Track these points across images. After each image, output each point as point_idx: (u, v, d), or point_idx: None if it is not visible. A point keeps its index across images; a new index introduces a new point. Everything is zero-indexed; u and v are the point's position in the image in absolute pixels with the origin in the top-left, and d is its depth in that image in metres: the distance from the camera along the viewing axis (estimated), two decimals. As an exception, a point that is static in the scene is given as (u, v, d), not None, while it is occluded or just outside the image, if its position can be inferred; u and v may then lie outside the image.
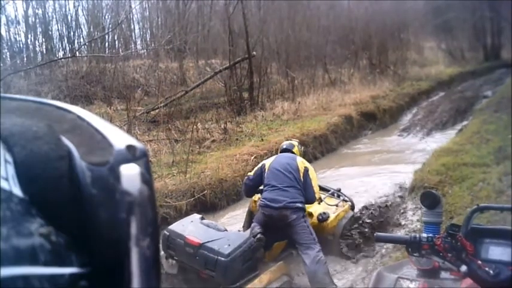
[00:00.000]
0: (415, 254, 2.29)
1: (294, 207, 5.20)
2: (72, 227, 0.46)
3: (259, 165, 5.80)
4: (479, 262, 2.18)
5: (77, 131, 0.51)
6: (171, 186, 7.59)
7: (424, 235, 2.26)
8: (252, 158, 9.18)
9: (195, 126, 10.56)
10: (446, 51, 31.09)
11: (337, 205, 6.13)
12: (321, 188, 6.19)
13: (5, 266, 0.39)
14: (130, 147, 0.49)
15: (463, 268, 2.16)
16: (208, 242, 4.90)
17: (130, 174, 0.47)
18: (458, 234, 2.23)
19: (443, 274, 2.49)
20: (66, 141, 0.49)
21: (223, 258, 4.73)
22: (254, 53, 14.39)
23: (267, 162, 5.66)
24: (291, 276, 5.26)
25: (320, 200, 5.98)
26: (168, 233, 5.16)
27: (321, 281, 4.97)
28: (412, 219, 6.50)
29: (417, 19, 28.93)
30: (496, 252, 2.27)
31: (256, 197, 5.97)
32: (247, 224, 6.03)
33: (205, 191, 7.80)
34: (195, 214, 5.71)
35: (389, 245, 5.44)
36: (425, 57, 28.85)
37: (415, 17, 28.33)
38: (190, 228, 5.17)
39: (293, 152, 5.92)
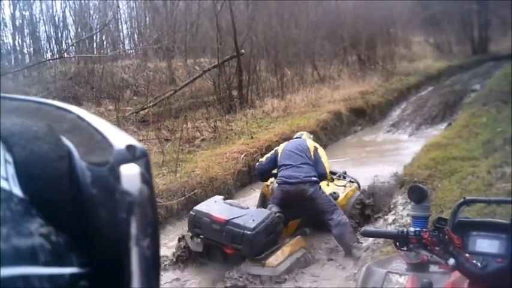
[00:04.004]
0: (403, 248, 2.29)
1: (311, 180, 5.82)
2: (72, 227, 0.46)
3: (272, 151, 6.46)
4: (467, 255, 2.19)
5: (77, 131, 0.52)
6: (161, 186, 7.57)
7: (412, 229, 2.25)
8: (242, 156, 9.16)
9: (184, 125, 10.54)
10: (434, 46, 31.15)
11: (345, 185, 6.69)
12: (329, 172, 6.66)
13: (5, 266, 0.39)
14: (130, 147, 0.49)
15: (451, 261, 2.17)
16: (233, 218, 5.31)
17: (130, 174, 0.47)
18: (446, 228, 2.23)
19: (432, 268, 2.49)
20: (66, 141, 0.49)
21: (249, 232, 5.16)
22: (243, 50, 14.36)
23: (280, 148, 6.34)
24: (308, 249, 5.80)
25: (331, 180, 6.58)
26: (194, 213, 5.58)
27: (348, 241, 5.67)
28: (402, 214, 6.51)
29: (405, 14, 28.98)
30: (483, 244, 2.28)
31: (269, 181, 6.56)
32: (261, 207, 6.44)
33: (196, 190, 7.78)
34: (217, 196, 6.17)
35: (380, 240, 5.46)
36: (413, 52, 28.86)
37: (402, 12, 28.37)
38: (215, 207, 5.59)
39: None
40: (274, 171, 6.38)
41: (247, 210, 5.62)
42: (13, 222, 0.41)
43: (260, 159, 6.62)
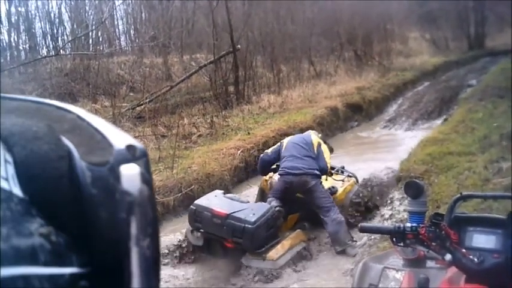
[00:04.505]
0: (399, 244, 2.29)
1: (313, 173, 5.93)
2: (72, 227, 0.46)
3: (277, 144, 6.58)
4: (464, 250, 2.18)
5: (77, 131, 0.51)
6: (158, 182, 7.56)
7: (408, 225, 2.25)
8: (239, 152, 9.16)
9: (181, 121, 10.53)
10: (431, 41, 31.15)
11: (343, 180, 6.79)
12: None
13: (5, 266, 0.39)
14: (130, 147, 0.49)
15: (448, 257, 2.17)
16: (234, 212, 5.37)
17: (130, 174, 0.47)
18: (442, 223, 2.23)
19: (429, 263, 2.49)
20: (66, 141, 0.49)
21: (249, 226, 5.23)
22: (239, 46, 14.33)
23: (285, 141, 6.46)
24: (308, 242, 5.93)
25: (330, 174, 6.60)
26: (194, 208, 5.61)
27: (342, 239, 5.74)
28: (399, 210, 6.52)
29: (401, 10, 28.98)
30: (480, 240, 2.28)
31: (268, 176, 6.65)
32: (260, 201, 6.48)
33: (193, 186, 7.79)
34: (217, 190, 6.22)
35: (377, 235, 5.47)
36: (409, 48, 28.88)
37: (399, 8, 28.38)
38: (216, 201, 5.64)
39: None
40: (274, 166, 6.48)
41: (247, 204, 5.68)
42: (13, 222, 0.41)
43: (266, 150, 6.71)
